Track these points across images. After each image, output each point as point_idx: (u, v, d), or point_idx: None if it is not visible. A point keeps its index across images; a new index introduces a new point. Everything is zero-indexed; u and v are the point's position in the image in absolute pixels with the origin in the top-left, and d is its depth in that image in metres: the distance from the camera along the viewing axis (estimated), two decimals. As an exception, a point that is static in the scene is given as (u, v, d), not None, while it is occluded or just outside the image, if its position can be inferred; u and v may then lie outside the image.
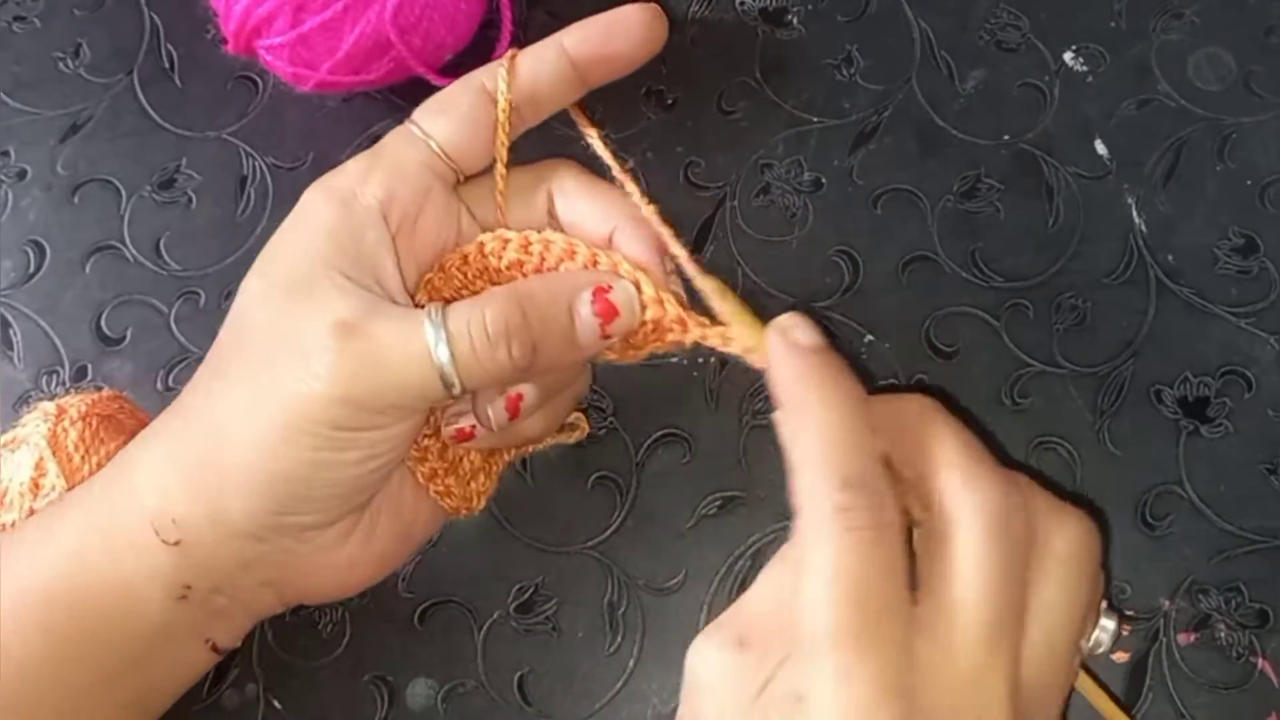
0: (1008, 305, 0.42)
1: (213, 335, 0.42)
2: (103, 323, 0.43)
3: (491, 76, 0.33)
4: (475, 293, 0.33)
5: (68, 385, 0.42)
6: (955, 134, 0.45)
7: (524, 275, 0.33)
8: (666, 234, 0.33)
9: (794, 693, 0.26)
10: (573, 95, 0.35)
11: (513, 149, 0.35)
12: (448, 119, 0.33)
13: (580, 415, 0.40)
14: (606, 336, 0.32)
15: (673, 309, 0.32)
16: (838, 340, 0.42)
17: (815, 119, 0.45)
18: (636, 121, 0.45)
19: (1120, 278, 0.42)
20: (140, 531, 0.30)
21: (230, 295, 0.43)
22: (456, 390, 0.30)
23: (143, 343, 0.43)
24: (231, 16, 0.41)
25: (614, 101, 0.46)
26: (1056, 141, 0.44)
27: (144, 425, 0.38)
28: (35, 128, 0.46)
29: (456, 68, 0.44)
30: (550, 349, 0.31)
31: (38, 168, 0.46)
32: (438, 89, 0.43)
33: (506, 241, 0.33)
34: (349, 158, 0.44)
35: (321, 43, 0.40)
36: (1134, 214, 0.43)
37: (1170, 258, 0.42)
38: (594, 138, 0.35)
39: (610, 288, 0.32)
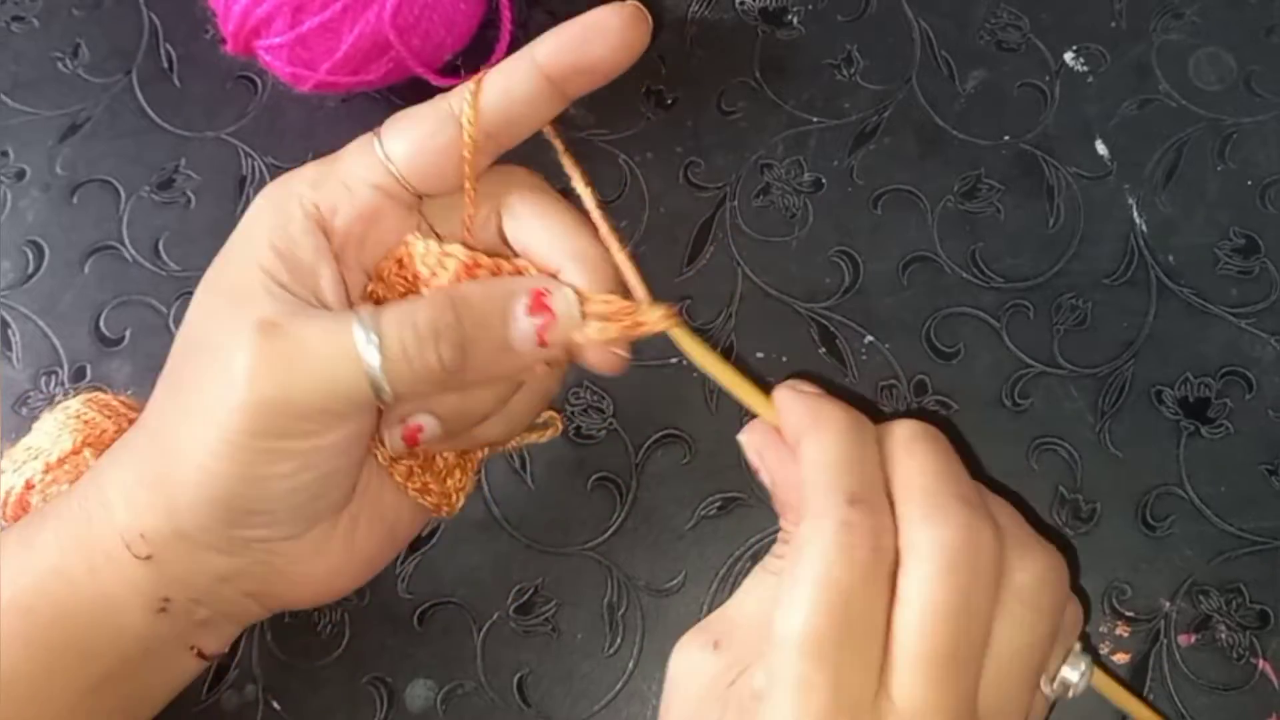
0: (1008, 306, 0.42)
1: (212, 336, 0.43)
2: (102, 323, 0.43)
3: (460, 99, 0.31)
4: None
5: (67, 386, 0.42)
6: (955, 134, 0.44)
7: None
8: (629, 271, 0.32)
9: (755, 691, 0.27)
10: (552, 111, 0.32)
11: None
12: (410, 142, 0.31)
13: (553, 414, 0.39)
14: (543, 344, 0.30)
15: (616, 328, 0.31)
16: (838, 341, 0.42)
17: (815, 119, 0.45)
18: (636, 122, 0.45)
19: (1121, 278, 0.42)
20: (115, 546, 0.30)
21: (229, 296, 0.43)
22: (386, 393, 0.28)
23: (142, 343, 0.43)
24: (230, 16, 0.40)
25: (613, 101, 0.46)
26: (1057, 142, 0.44)
27: None
28: (34, 128, 0.46)
29: (456, 68, 0.44)
30: (483, 354, 0.30)
31: (36, 168, 0.45)
32: (437, 89, 0.43)
33: (445, 256, 0.31)
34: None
35: (320, 43, 0.40)
36: (1134, 214, 0.43)
37: (1171, 258, 0.42)
38: (576, 180, 0.33)
39: (548, 292, 0.30)
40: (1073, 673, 0.30)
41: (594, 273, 0.31)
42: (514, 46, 0.45)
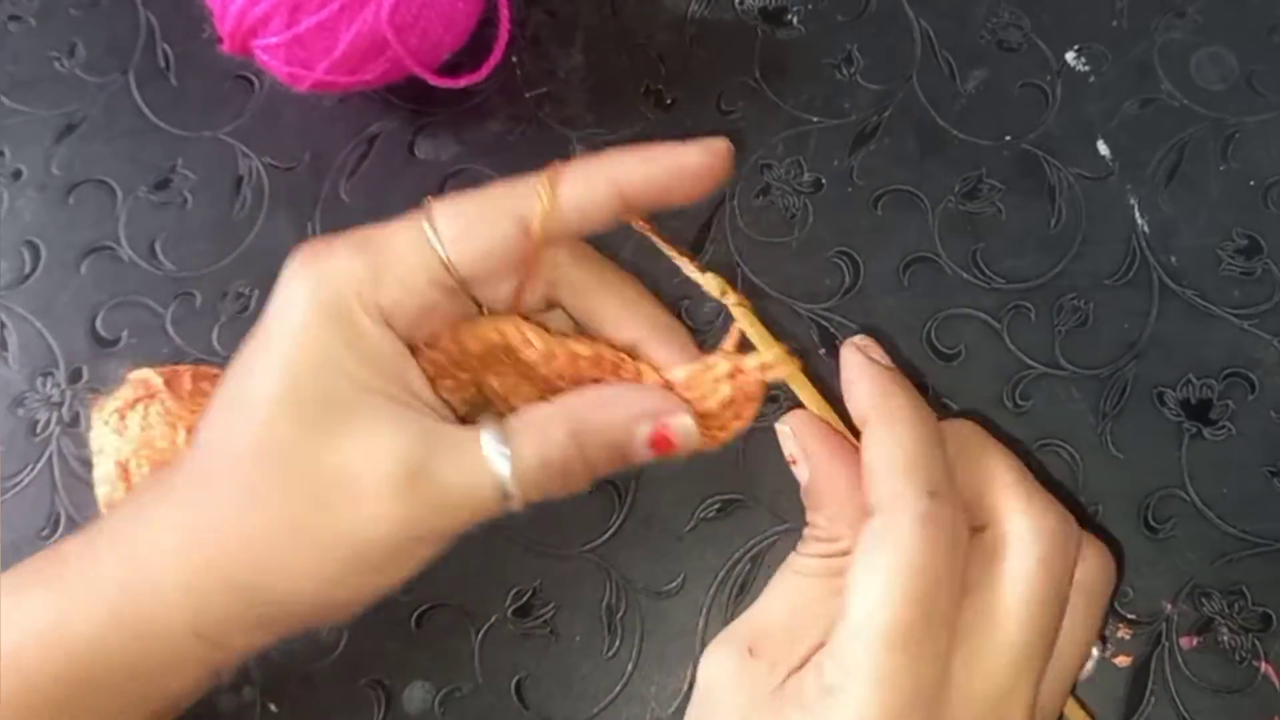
0: (1009, 307, 0.42)
1: (208, 336, 0.42)
2: (98, 324, 0.43)
3: (529, 204, 0.30)
4: (493, 372, 0.32)
5: (63, 387, 0.42)
6: (956, 134, 0.44)
7: (551, 370, 0.32)
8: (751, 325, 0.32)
9: (826, 685, 0.26)
10: (614, 225, 0.31)
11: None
12: (471, 242, 0.30)
13: None
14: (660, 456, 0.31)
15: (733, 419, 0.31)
16: (838, 342, 0.41)
17: (815, 119, 0.45)
18: (635, 121, 0.45)
19: (1122, 279, 0.42)
20: (181, 637, 0.29)
21: (227, 296, 0.43)
22: (513, 508, 0.30)
23: (139, 344, 0.42)
24: (227, 16, 0.40)
25: (612, 101, 0.45)
26: (1058, 142, 0.44)
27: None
28: (30, 127, 0.46)
29: (454, 67, 0.44)
30: (604, 470, 0.31)
31: (33, 168, 0.45)
32: (435, 89, 0.43)
33: (530, 344, 0.31)
34: (345, 157, 0.45)
35: (318, 42, 0.40)
36: (1136, 215, 0.43)
37: (1173, 259, 0.42)
38: (680, 260, 0.32)
39: (670, 426, 0.30)
40: (1088, 660, 0.30)
41: (672, 340, 0.32)
42: (512, 45, 0.46)
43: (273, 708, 0.38)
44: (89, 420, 0.41)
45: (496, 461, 0.29)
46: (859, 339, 0.32)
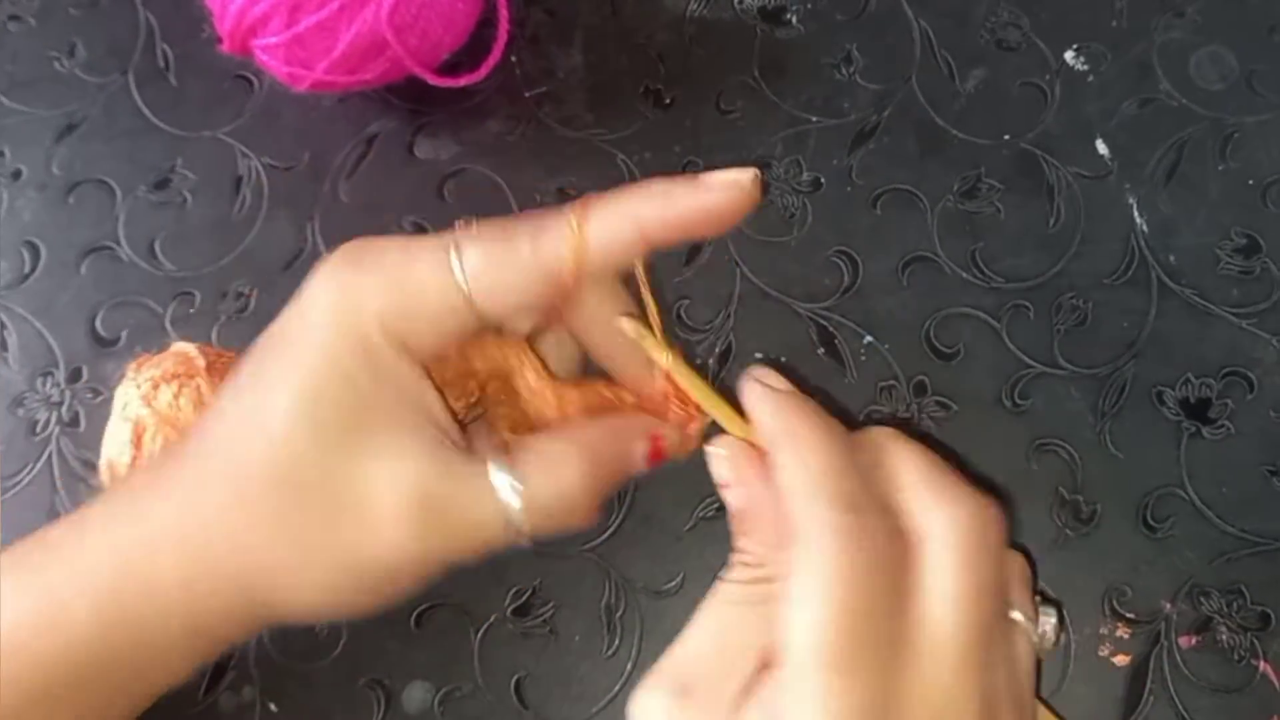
0: (1008, 306, 0.42)
1: (208, 336, 0.42)
2: (98, 324, 0.43)
3: (556, 248, 0.29)
4: (493, 387, 0.33)
5: (63, 387, 0.42)
6: (955, 133, 0.44)
7: (535, 406, 0.32)
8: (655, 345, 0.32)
9: (773, 715, 0.26)
10: (637, 260, 0.31)
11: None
12: (497, 284, 0.29)
13: None
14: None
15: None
16: (837, 341, 0.41)
17: (814, 118, 0.45)
18: (634, 121, 0.45)
19: (1121, 278, 0.42)
20: (175, 632, 0.30)
21: (226, 296, 0.43)
22: (523, 540, 0.30)
23: (138, 344, 0.42)
24: (227, 16, 0.40)
25: (611, 101, 0.46)
26: (1057, 141, 0.44)
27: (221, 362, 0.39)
28: (30, 127, 0.46)
29: (454, 67, 0.44)
30: (607, 496, 0.31)
31: (33, 168, 0.45)
32: (434, 89, 0.43)
33: (524, 379, 0.32)
34: (344, 157, 0.45)
35: (317, 42, 0.40)
36: (1135, 214, 0.43)
37: (1172, 258, 0.42)
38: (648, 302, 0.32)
39: (664, 438, 0.32)
40: (1047, 624, 0.30)
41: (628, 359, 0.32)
42: (511, 45, 0.46)
43: (273, 707, 0.38)
44: (119, 376, 0.40)
45: (507, 495, 0.29)
46: (756, 370, 0.31)
